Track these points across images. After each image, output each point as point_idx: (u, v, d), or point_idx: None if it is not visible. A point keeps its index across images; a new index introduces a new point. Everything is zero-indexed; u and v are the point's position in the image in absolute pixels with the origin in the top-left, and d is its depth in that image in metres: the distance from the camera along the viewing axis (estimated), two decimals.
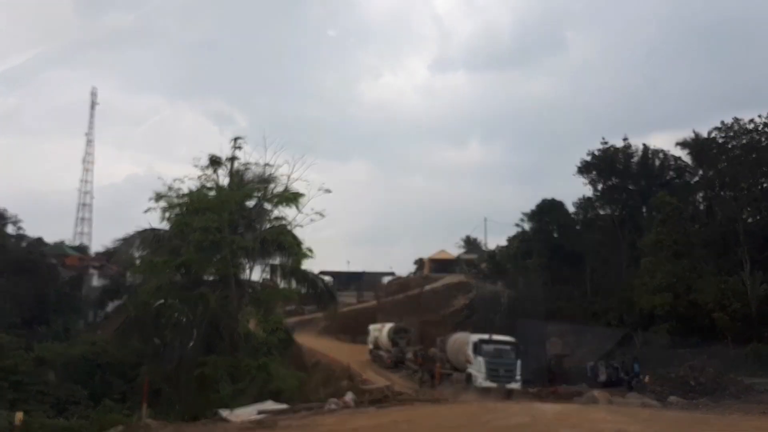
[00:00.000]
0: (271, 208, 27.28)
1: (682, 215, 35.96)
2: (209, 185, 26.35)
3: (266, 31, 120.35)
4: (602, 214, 43.62)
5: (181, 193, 25.68)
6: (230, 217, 24.94)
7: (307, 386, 24.40)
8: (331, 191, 26.28)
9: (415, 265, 66.72)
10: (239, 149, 26.95)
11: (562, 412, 19.21)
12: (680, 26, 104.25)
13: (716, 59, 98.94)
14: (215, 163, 26.64)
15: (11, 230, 40.44)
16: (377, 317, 44.00)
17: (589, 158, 43.00)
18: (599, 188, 43.32)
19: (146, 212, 25.44)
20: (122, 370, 25.59)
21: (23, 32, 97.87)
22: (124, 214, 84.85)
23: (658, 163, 42.76)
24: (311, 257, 26.93)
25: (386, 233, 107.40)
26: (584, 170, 43.11)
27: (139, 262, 26.84)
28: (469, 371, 28.22)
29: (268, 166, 26.72)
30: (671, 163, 42.36)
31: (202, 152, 26.95)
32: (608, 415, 18.82)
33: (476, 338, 28.88)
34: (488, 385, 26.68)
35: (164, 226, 26.32)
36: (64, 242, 54.17)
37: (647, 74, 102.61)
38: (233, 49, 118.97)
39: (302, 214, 25.80)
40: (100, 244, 50.52)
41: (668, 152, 42.26)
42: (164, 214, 25.50)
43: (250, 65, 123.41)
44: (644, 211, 41.51)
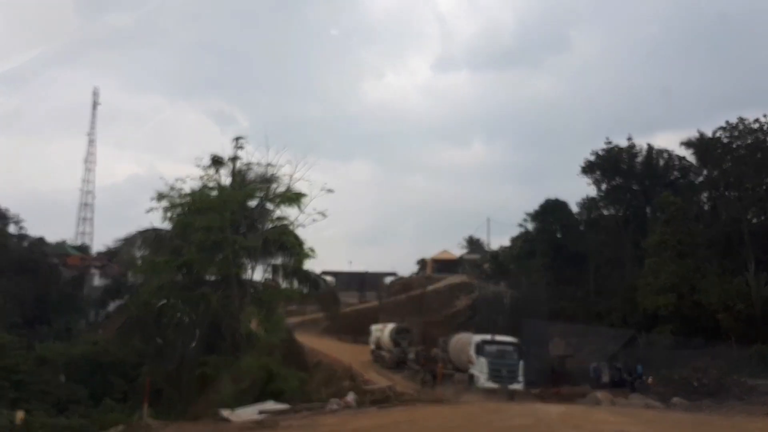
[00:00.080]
0: (273, 208, 27.31)
1: (686, 215, 35.79)
2: (211, 185, 26.38)
3: (268, 30, 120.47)
4: (606, 214, 43.42)
5: (183, 192, 25.72)
6: (232, 216, 24.93)
7: (308, 386, 24.30)
8: (333, 191, 26.31)
9: (417, 265, 66.56)
10: (241, 149, 27.03)
11: (564, 413, 19.12)
12: (684, 25, 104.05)
13: (721, 58, 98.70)
14: (217, 162, 26.66)
15: (13, 230, 40.53)
16: (379, 317, 43.82)
17: (593, 158, 42.82)
18: (603, 188, 43.12)
19: (148, 212, 25.50)
20: (123, 369, 25.57)
21: (24, 33, 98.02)
22: (125, 213, 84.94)
23: (662, 163, 42.53)
24: (313, 257, 26.96)
25: (389, 233, 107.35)
26: (588, 170, 42.92)
27: (140, 261, 26.88)
28: (471, 372, 28.10)
29: (270, 165, 26.76)
30: (676, 163, 42.14)
31: (203, 152, 27.06)
32: (611, 416, 18.73)
33: (479, 339, 28.77)
34: (490, 385, 26.57)
35: (166, 225, 26.37)
36: (65, 242, 54.16)
37: (651, 73, 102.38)
38: (235, 48, 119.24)
39: (304, 214, 25.83)
40: (101, 243, 50.55)
41: (673, 152, 42.13)
42: (166, 213, 25.55)
43: (251, 65, 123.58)
44: (648, 211, 41.32)
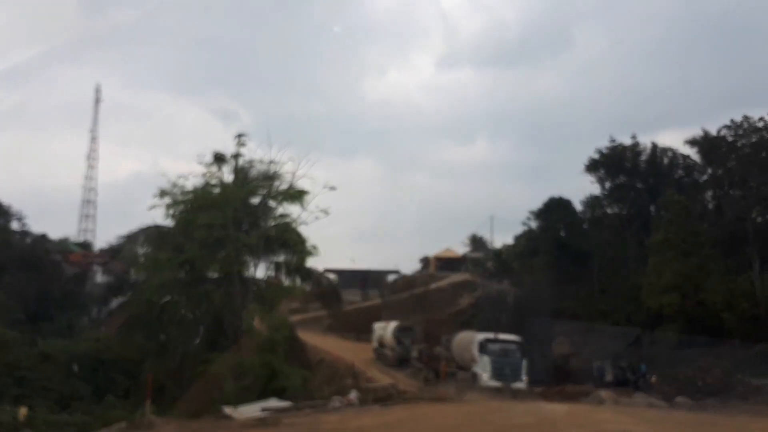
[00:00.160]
0: (275, 205, 27.33)
1: (690, 214, 35.60)
2: (213, 182, 26.40)
3: (271, 27, 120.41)
4: (610, 212, 43.24)
5: (185, 190, 25.74)
6: (234, 214, 24.95)
7: (311, 384, 24.28)
8: (335, 188, 26.32)
9: (420, 263, 66.49)
10: (243, 146, 27.03)
11: (568, 412, 19.06)
12: (689, 23, 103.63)
13: (725, 56, 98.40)
14: (219, 159, 26.67)
15: (16, 227, 40.48)
16: (382, 315, 43.75)
17: (597, 156, 42.63)
18: (607, 186, 42.95)
19: (151, 209, 25.55)
20: (126, 366, 25.56)
21: (28, 29, 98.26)
22: (128, 210, 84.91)
23: (666, 161, 42.29)
24: (315, 255, 27.00)
25: (391, 231, 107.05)
26: (592, 168, 42.73)
27: (143, 259, 26.92)
28: (474, 370, 28.04)
29: (272, 163, 26.78)
30: (680, 161, 41.89)
31: (206, 149, 27.09)
32: (614, 415, 18.67)
33: (482, 337, 28.70)
34: (493, 384, 26.52)
35: (168, 223, 26.40)
36: (68, 239, 54.02)
37: (655, 71, 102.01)
38: (237, 45, 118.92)
39: (307, 211, 25.84)
40: (104, 240, 50.31)
41: (677, 150, 41.88)
42: (168, 211, 25.62)
43: (254, 61, 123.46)
44: (652, 209, 41.12)
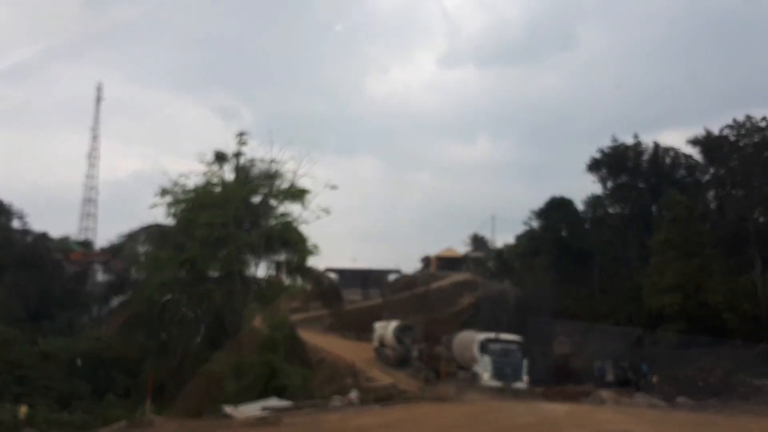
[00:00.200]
0: (276, 204, 27.25)
1: (692, 214, 35.53)
2: (215, 181, 26.36)
3: (273, 25, 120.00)
4: (611, 212, 43.19)
5: (186, 188, 25.70)
6: (236, 213, 24.93)
7: (311, 383, 24.26)
8: (337, 187, 26.24)
9: (421, 262, 66.43)
10: (245, 144, 26.96)
11: (568, 412, 19.03)
12: (692, 22, 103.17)
13: (728, 56, 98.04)
14: (221, 158, 26.63)
15: (17, 225, 40.43)
16: (383, 315, 43.72)
17: (599, 155, 42.60)
18: (609, 186, 42.90)
19: (152, 208, 25.51)
20: (126, 365, 25.52)
21: (29, 27, 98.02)
22: (129, 209, 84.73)
23: (668, 161, 42.19)
24: (316, 254, 26.91)
25: (393, 230, 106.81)
26: (594, 168, 42.68)
27: (144, 257, 26.88)
28: (474, 370, 28.01)
29: (274, 161, 26.71)
30: (682, 161, 41.80)
31: (208, 148, 27.00)
32: (615, 415, 18.64)
33: (482, 337, 28.69)
34: (494, 384, 26.50)
35: (169, 221, 26.36)
36: (69, 237, 53.95)
37: (658, 71, 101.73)
38: (239, 43, 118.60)
39: (308, 210, 25.78)
40: (105, 239, 50.19)
41: (679, 150, 41.76)
42: (170, 209, 25.59)
43: (256, 60, 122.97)
44: (654, 209, 41.05)
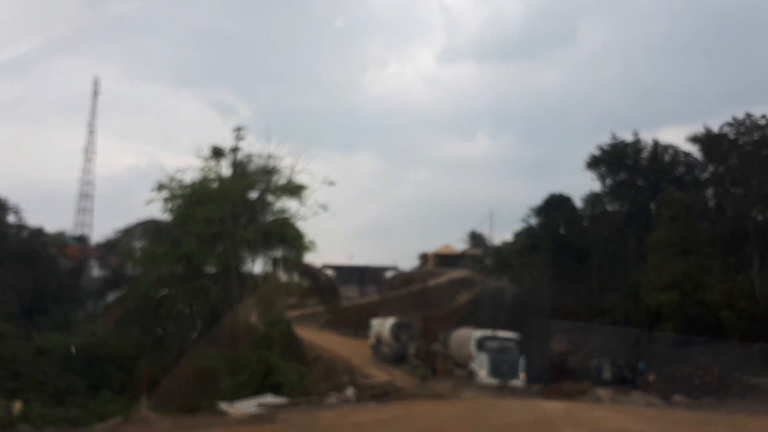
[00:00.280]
0: (274, 200, 27.09)
1: (691, 212, 35.49)
2: (212, 176, 26.18)
3: (271, 20, 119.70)
4: (610, 210, 43.13)
5: (183, 183, 25.53)
6: (232, 208, 24.77)
7: (307, 380, 24.18)
8: (334, 183, 26.09)
9: (419, 259, 66.43)
10: (242, 140, 26.77)
11: (565, 410, 19.01)
12: (692, 19, 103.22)
13: (728, 53, 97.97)
14: (218, 153, 26.46)
15: (12, 220, 40.14)
16: (380, 312, 43.72)
17: (598, 153, 42.52)
18: (607, 183, 42.83)
19: (148, 203, 25.29)
20: (121, 361, 25.32)
21: (26, 21, 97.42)
22: (125, 204, 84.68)
23: (667, 158, 42.10)
24: (314, 250, 26.72)
25: (390, 227, 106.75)
26: (593, 165, 42.58)
27: (140, 253, 26.67)
28: (471, 367, 27.97)
29: (271, 157, 26.54)
30: (681, 158, 41.74)
31: (205, 143, 26.82)
32: (612, 413, 18.64)
33: (479, 334, 28.66)
34: (491, 381, 26.51)
35: (166, 217, 26.17)
36: (64, 232, 53.76)
37: (657, 67, 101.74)
38: (237, 38, 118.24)
39: (305, 206, 25.64)
40: (101, 234, 49.93)
41: (678, 147, 41.70)
42: (166, 204, 25.38)
43: (254, 55, 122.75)
44: (653, 207, 40.99)
